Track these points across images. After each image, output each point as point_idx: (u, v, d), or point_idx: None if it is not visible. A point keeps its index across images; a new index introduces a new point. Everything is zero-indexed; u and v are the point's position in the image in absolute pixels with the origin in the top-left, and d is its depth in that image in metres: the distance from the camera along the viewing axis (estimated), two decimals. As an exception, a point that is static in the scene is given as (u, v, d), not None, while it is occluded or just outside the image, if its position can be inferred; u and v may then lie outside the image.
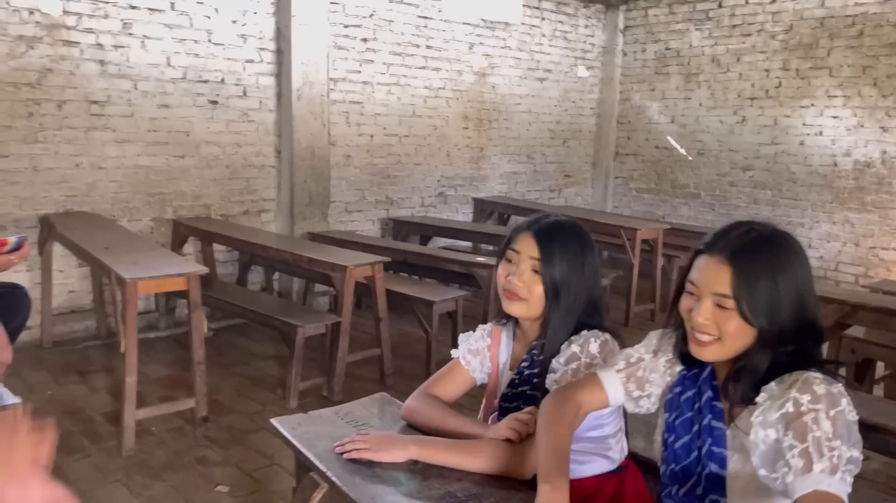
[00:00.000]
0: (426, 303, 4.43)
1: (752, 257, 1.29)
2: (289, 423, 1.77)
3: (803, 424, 1.18)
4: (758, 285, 1.28)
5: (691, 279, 1.34)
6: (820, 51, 6.83)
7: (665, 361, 1.48)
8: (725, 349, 1.32)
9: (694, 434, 1.37)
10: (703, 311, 1.30)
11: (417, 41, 6.66)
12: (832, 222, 6.92)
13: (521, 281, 1.64)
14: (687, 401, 1.41)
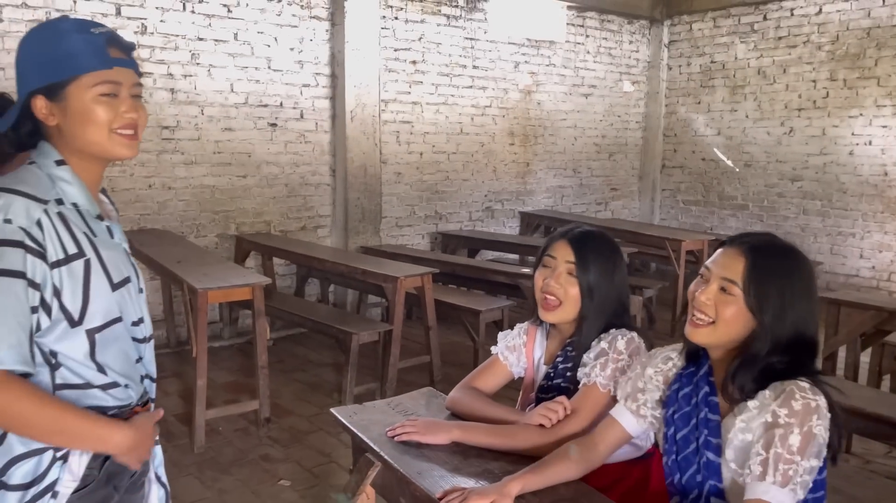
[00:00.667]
0: (473, 313, 4.64)
1: (768, 256, 1.41)
2: (347, 412, 2.00)
3: (772, 436, 1.32)
4: (768, 281, 1.39)
5: (706, 264, 1.47)
6: (867, 61, 6.81)
7: (653, 371, 1.61)
8: (717, 333, 1.42)
9: (692, 426, 1.48)
10: (706, 291, 1.42)
11: (464, 62, 6.92)
12: (884, 232, 6.85)
13: (559, 283, 1.82)
14: (685, 396, 1.52)
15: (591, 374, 1.74)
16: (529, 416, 1.75)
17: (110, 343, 1.30)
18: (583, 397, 1.74)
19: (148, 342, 1.43)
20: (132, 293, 1.37)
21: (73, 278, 1.23)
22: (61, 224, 1.23)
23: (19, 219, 1.18)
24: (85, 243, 1.26)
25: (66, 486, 1.26)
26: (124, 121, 1.28)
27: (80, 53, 1.24)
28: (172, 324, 5.38)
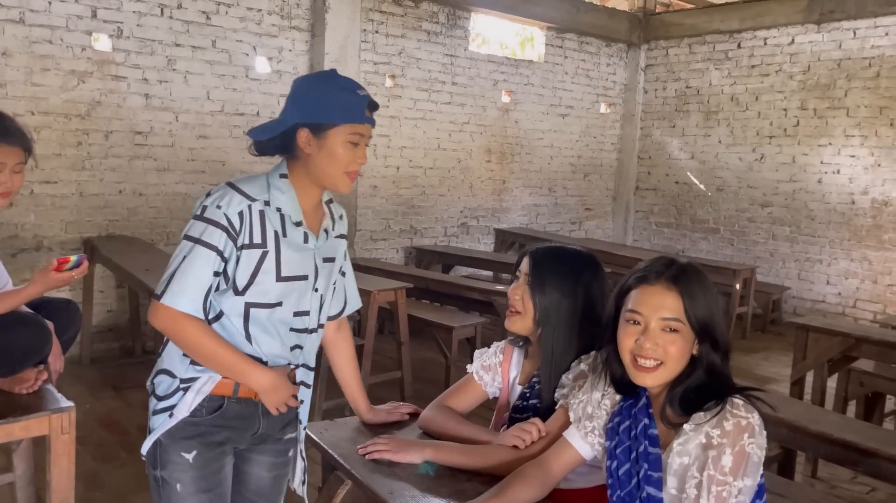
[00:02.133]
0: (446, 329, 4.61)
1: (690, 281, 1.42)
2: (317, 428, 1.95)
3: (706, 458, 1.33)
4: (700, 305, 1.41)
5: (634, 309, 1.42)
6: (837, 91, 6.98)
7: (600, 395, 1.57)
8: (668, 371, 1.41)
9: (633, 460, 1.45)
10: (651, 337, 1.40)
11: (444, 78, 6.94)
12: (850, 259, 6.98)
13: (516, 294, 1.81)
14: (625, 430, 1.49)
15: (568, 397, 1.72)
16: (503, 437, 1.72)
17: (265, 322, 1.64)
18: (557, 419, 1.71)
19: (313, 334, 1.76)
20: (303, 289, 1.68)
21: (250, 261, 1.59)
22: (258, 219, 1.59)
23: (228, 208, 1.57)
24: (270, 238, 1.61)
25: (180, 412, 1.62)
26: (356, 166, 1.65)
27: (349, 107, 1.59)
28: (139, 332, 5.26)
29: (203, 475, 1.65)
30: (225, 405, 1.65)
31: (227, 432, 1.67)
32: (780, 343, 6.66)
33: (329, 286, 1.78)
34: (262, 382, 1.63)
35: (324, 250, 1.73)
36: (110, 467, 3.53)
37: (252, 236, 1.59)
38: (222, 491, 1.70)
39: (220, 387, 1.63)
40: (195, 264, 1.55)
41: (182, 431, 1.63)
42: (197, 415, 1.63)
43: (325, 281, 1.75)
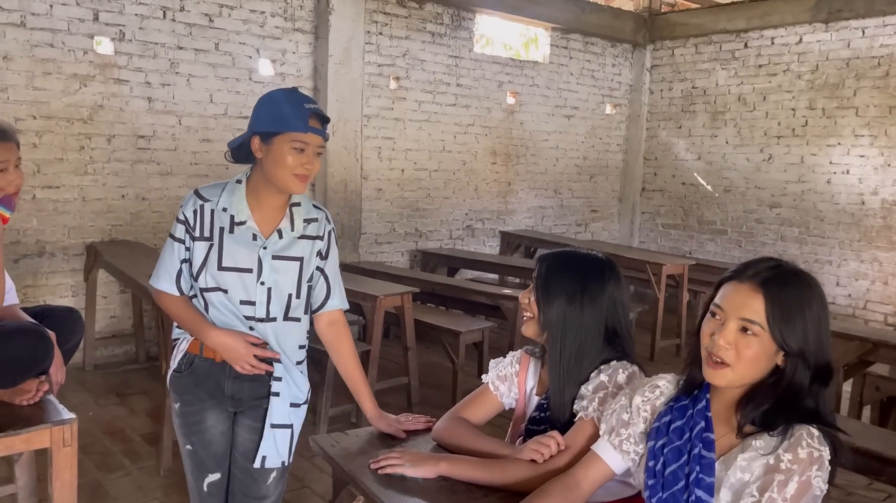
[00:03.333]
0: (453, 334, 4.54)
1: (784, 288, 1.32)
2: (327, 441, 1.89)
3: (770, 480, 1.27)
4: (790, 315, 1.31)
5: (717, 303, 1.36)
6: (846, 91, 6.90)
7: (641, 401, 1.51)
8: (737, 374, 1.34)
9: (683, 462, 1.39)
10: (725, 334, 1.32)
11: (448, 79, 6.88)
12: (860, 260, 6.91)
13: (525, 297, 1.77)
14: (676, 430, 1.42)
15: (587, 409, 1.66)
16: (520, 451, 1.66)
17: (217, 305, 1.92)
18: (577, 432, 1.65)
19: (263, 322, 1.94)
20: (246, 281, 1.91)
21: (200, 251, 1.91)
22: (209, 217, 1.91)
23: (185, 208, 1.92)
24: (216, 234, 1.91)
25: (172, 366, 2.01)
26: (303, 170, 1.85)
27: (293, 118, 1.81)
28: (143, 338, 5.21)
29: (184, 423, 2.01)
30: (195, 362, 1.98)
31: (202, 388, 1.98)
32: (790, 345, 6.58)
33: (293, 282, 1.96)
34: (215, 340, 1.90)
35: (277, 248, 1.94)
36: (114, 477, 3.48)
37: (202, 230, 1.91)
38: (205, 440, 1.99)
39: (191, 347, 1.98)
40: (167, 253, 1.95)
41: (173, 383, 2.02)
42: (179, 369, 2.00)
43: (275, 276, 1.93)
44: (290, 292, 1.96)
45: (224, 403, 1.99)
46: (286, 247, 1.95)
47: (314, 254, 2.00)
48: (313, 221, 2.01)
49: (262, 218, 1.93)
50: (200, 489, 2.04)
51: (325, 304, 2.08)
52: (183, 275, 1.94)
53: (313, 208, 2.03)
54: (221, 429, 2.01)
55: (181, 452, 2.06)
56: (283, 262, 1.94)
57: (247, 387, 1.97)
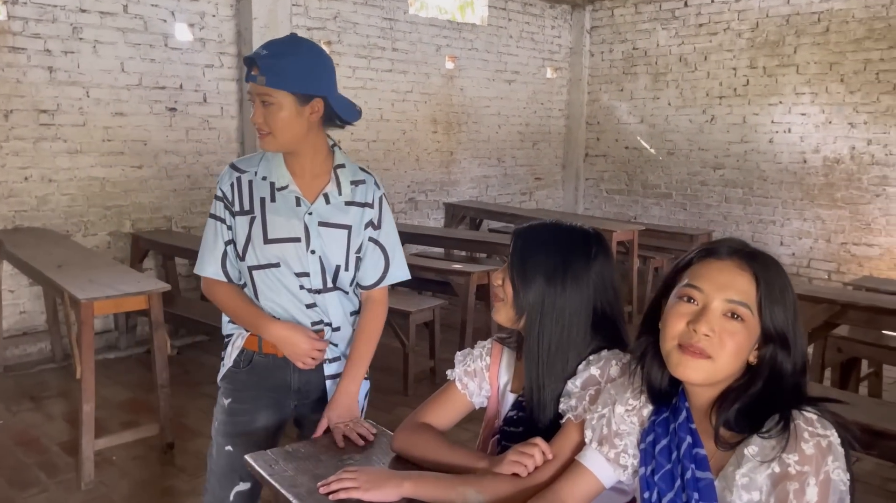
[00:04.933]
0: (402, 314, 4.26)
1: (769, 267, 1.15)
2: (265, 460, 1.59)
3: (785, 495, 1.06)
4: (777, 296, 1.13)
5: (693, 284, 1.15)
6: (786, 48, 6.84)
7: (624, 411, 1.29)
8: (716, 368, 1.13)
9: (678, 489, 1.18)
10: (709, 319, 1.12)
11: (383, 43, 6.50)
12: (803, 219, 6.93)
13: (497, 278, 1.50)
14: (663, 451, 1.21)
15: (576, 409, 1.39)
16: (499, 463, 1.39)
17: (272, 282, 1.79)
18: (566, 438, 1.39)
19: (322, 293, 1.81)
20: (299, 251, 1.77)
21: (242, 227, 1.77)
22: (247, 188, 1.78)
23: (222, 182, 1.80)
24: (257, 205, 1.77)
25: (227, 362, 1.88)
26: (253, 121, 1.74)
27: None
28: (58, 334, 4.73)
29: (231, 421, 1.85)
30: (254, 359, 1.84)
31: (261, 386, 1.85)
32: (739, 307, 6.57)
33: (341, 252, 1.81)
34: (274, 333, 1.77)
35: (323, 214, 1.78)
36: (28, 494, 3.09)
37: (242, 204, 1.77)
38: (250, 442, 1.80)
39: (248, 343, 1.84)
40: (209, 235, 1.82)
41: (227, 379, 1.87)
42: (237, 366, 1.86)
43: (325, 244, 1.78)
44: (338, 263, 1.81)
45: (287, 400, 1.89)
46: (333, 213, 1.80)
47: (363, 224, 1.84)
48: (360, 184, 1.85)
49: (304, 182, 1.80)
50: (225, 498, 1.85)
51: (384, 277, 1.89)
52: (229, 259, 1.81)
53: (359, 170, 1.88)
54: (270, 432, 1.88)
55: (213, 454, 1.88)
56: (330, 230, 1.79)
57: (315, 377, 1.86)
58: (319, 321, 1.83)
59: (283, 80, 1.65)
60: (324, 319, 1.83)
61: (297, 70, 1.68)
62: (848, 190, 6.61)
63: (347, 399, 1.81)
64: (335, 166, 1.82)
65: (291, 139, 1.72)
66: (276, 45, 1.70)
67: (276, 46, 1.70)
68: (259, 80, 1.66)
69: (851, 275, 6.59)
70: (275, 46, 1.69)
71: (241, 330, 1.84)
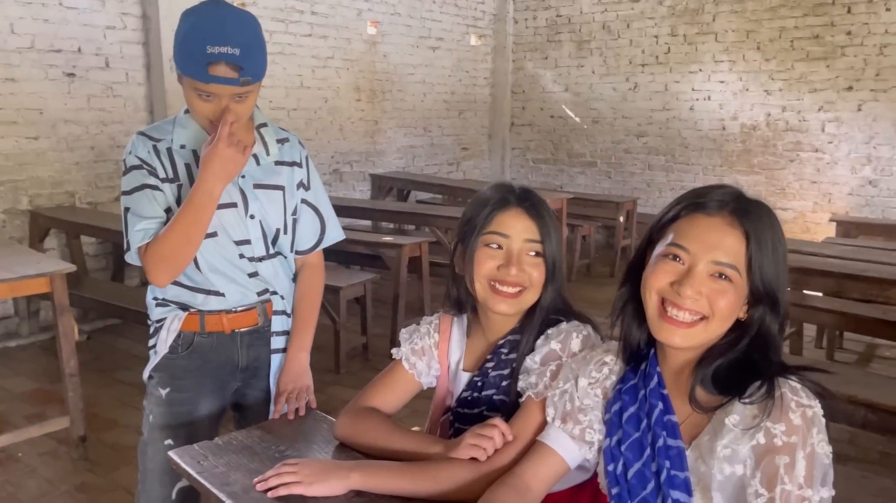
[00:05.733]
0: (332, 290, 4.07)
1: (762, 222, 1.07)
2: (193, 456, 1.41)
3: (774, 469, 0.99)
4: (769, 257, 1.06)
5: (677, 242, 1.08)
6: (705, 16, 6.93)
7: (588, 383, 1.22)
8: (709, 332, 1.07)
9: (647, 458, 1.11)
10: (694, 282, 1.05)
11: (301, 6, 6.18)
12: (722, 185, 7.09)
13: (523, 270, 1.33)
14: (630, 419, 1.14)
15: (537, 386, 1.29)
16: (455, 447, 1.27)
17: (212, 253, 1.63)
18: (527, 418, 1.28)
19: (265, 260, 1.69)
20: (236, 217, 1.63)
21: (171, 195, 1.60)
22: (167, 156, 1.62)
23: (137, 150, 1.61)
24: (183, 173, 1.61)
25: (160, 349, 1.69)
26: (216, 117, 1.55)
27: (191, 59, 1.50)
28: (-51, 324, 4.31)
29: (170, 412, 1.70)
30: (195, 341, 1.69)
31: (205, 369, 1.70)
32: (664, 272, 6.70)
33: (279, 215, 1.70)
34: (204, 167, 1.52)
35: (256, 176, 1.67)
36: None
37: (166, 171, 1.61)
38: (192, 432, 1.66)
39: (187, 324, 1.68)
40: (138, 203, 1.57)
41: (162, 367, 1.70)
42: (174, 352, 1.69)
43: (264, 208, 1.67)
44: (278, 226, 1.71)
45: (232, 381, 1.76)
46: (266, 174, 1.69)
47: (295, 185, 1.74)
48: (285, 142, 1.75)
49: None
50: (167, 497, 1.68)
51: (322, 239, 1.81)
52: None
53: (280, 129, 1.78)
54: (211, 420, 1.74)
55: (148, 452, 1.69)
56: (266, 192, 1.68)
57: (263, 351, 1.75)
58: (265, 290, 1.72)
59: (261, 72, 1.56)
60: (268, 288, 1.72)
61: (266, 56, 1.59)
62: (764, 156, 6.80)
63: (298, 366, 1.74)
64: (257, 126, 1.71)
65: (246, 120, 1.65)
66: (242, 36, 1.50)
67: (243, 37, 1.50)
68: (243, 81, 1.51)
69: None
70: (242, 37, 1.50)
71: (177, 311, 1.68)
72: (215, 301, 1.67)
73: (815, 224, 6.57)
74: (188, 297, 1.67)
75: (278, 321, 1.75)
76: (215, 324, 1.69)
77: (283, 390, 1.68)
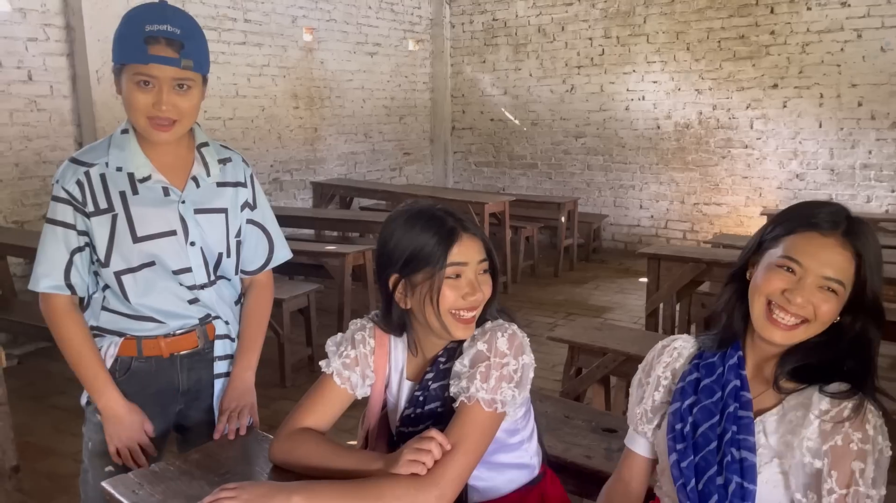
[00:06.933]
0: (275, 302, 3.98)
1: (869, 243, 1.21)
2: (127, 485, 1.37)
3: (849, 471, 1.14)
4: (876, 274, 1.20)
5: (791, 256, 1.21)
6: (637, 18, 7.10)
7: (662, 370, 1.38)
8: (807, 334, 1.21)
9: (714, 422, 1.26)
10: (803, 291, 1.18)
11: (234, 14, 6.07)
12: (659, 182, 7.28)
13: (482, 292, 1.35)
14: (705, 388, 1.28)
15: (469, 389, 1.29)
16: (394, 463, 1.26)
17: (145, 284, 1.58)
18: (463, 423, 1.28)
19: (207, 288, 1.64)
20: (175, 245, 1.58)
21: (102, 227, 1.55)
22: (99, 183, 1.55)
23: (64, 181, 1.55)
24: (117, 201, 1.54)
25: None
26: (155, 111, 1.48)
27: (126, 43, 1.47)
28: None
29: None
30: (132, 365, 1.65)
31: (144, 393, 1.65)
32: (606, 271, 6.83)
33: (220, 239, 1.65)
34: (108, 406, 1.59)
35: (197, 200, 1.61)
36: None
37: (97, 202, 1.54)
38: None
39: (124, 349, 1.64)
40: (48, 244, 1.56)
41: None
42: (112, 376, 1.62)
43: (204, 234, 1.62)
44: (220, 251, 1.66)
45: (173, 404, 1.71)
46: (207, 197, 1.63)
47: (239, 206, 1.68)
48: (227, 162, 1.69)
49: (167, 168, 1.59)
50: None
51: (270, 260, 1.77)
52: (76, 268, 1.57)
53: (223, 148, 1.71)
54: (155, 443, 1.68)
55: (89, 481, 1.65)
56: (207, 216, 1.63)
57: (205, 374, 1.70)
58: (206, 316, 1.68)
59: (204, 62, 1.52)
60: (210, 314, 1.69)
61: (208, 50, 1.55)
62: (698, 153, 7.01)
63: (242, 385, 1.71)
64: (198, 145, 1.65)
65: (190, 125, 1.58)
66: (181, 20, 1.48)
67: (183, 21, 1.48)
68: (184, 63, 1.45)
69: (704, 233, 7.03)
70: (181, 21, 1.47)
71: (113, 337, 1.63)
72: (152, 326, 1.63)
73: (748, 218, 6.80)
74: (124, 324, 1.63)
75: (220, 345, 1.71)
76: (153, 349, 1.64)
77: (226, 408, 1.65)
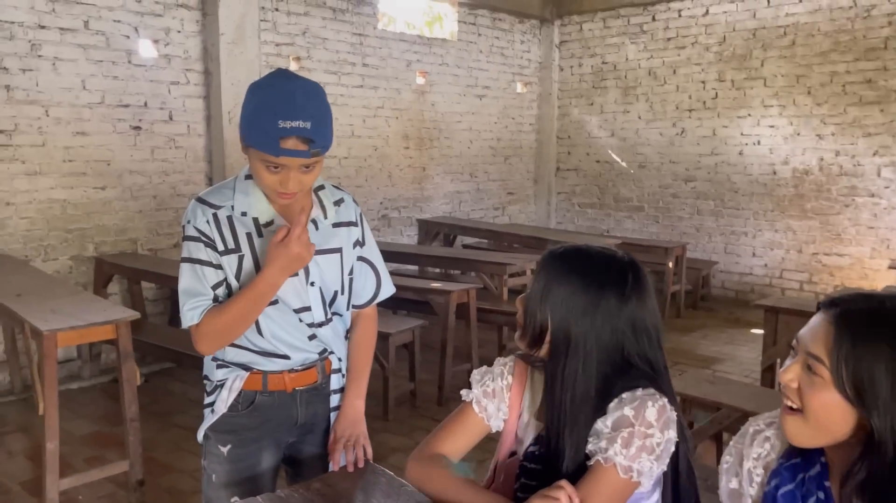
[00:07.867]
0: (381, 336, 4.11)
1: (863, 322, 1.02)
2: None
3: None
4: (862, 356, 1.00)
5: (798, 334, 1.11)
6: (754, 61, 6.92)
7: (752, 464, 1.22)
8: (809, 427, 1.07)
9: None
10: (789, 369, 1.08)
11: (353, 59, 6.40)
12: (774, 230, 6.98)
13: (522, 304, 1.43)
14: (786, 495, 1.14)
15: (607, 451, 1.28)
16: (522, 507, 1.28)
17: (274, 321, 1.67)
18: (596, 482, 1.27)
19: (323, 326, 1.72)
20: (297, 286, 1.66)
21: (231, 266, 1.63)
22: (227, 225, 1.63)
23: (195, 221, 1.62)
24: (244, 242, 1.63)
25: (219, 408, 1.71)
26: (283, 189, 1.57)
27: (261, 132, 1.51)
28: (17, 365, 4.49)
29: (235, 468, 1.72)
30: (256, 399, 1.71)
31: (265, 426, 1.73)
32: (715, 319, 6.58)
33: (336, 277, 1.74)
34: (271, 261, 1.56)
35: (317, 242, 1.65)
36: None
37: (226, 242, 1.63)
38: (255, 487, 1.70)
39: (249, 383, 1.71)
40: (188, 281, 1.62)
41: (221, 425, 1.72)
42: (234, 410, 1.71)
43: (323, 273, 1.70)
44: (335, 289, 1.74)
45: (288, 437, 1.79)
46: (325, 238, 1.71)
47: (352, 244, 1.77)
48: (341, 203, 1.77)
49: (288, 213, 1.66)
50: None
51: (377, 294, 1.85)
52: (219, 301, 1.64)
53: (336, 189, 1.80)
54: (272, 474, 1.79)
55: None
56: (326, 257, 1.71)
57: (320, 408, 1.79)
58: (324, 351, 1.76)
59: (329, 142, 1.58)
60: (327, 349, 1.76)
61: (332, 125, 1.60)
62: (818, 201, 6.68)
63: (354, 413, 1.78)
64: (315, 189, 1.72)
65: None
66: (312, 109, 1.51)
67: (314, 110, 1.51)
68: (312, 153, 1.52)
69: (823, 284, 6.65)
70: (312, 110, 1.51)
71: (239, 371, 1.70)
72: (280, 362, 1.71)
73: (874, 271, 6.39)
74: (251, 359, 1.70)
75: (335, 379, 1.80)
76: (277, 384, 1.71)
77: (340, 436, 1.72)
